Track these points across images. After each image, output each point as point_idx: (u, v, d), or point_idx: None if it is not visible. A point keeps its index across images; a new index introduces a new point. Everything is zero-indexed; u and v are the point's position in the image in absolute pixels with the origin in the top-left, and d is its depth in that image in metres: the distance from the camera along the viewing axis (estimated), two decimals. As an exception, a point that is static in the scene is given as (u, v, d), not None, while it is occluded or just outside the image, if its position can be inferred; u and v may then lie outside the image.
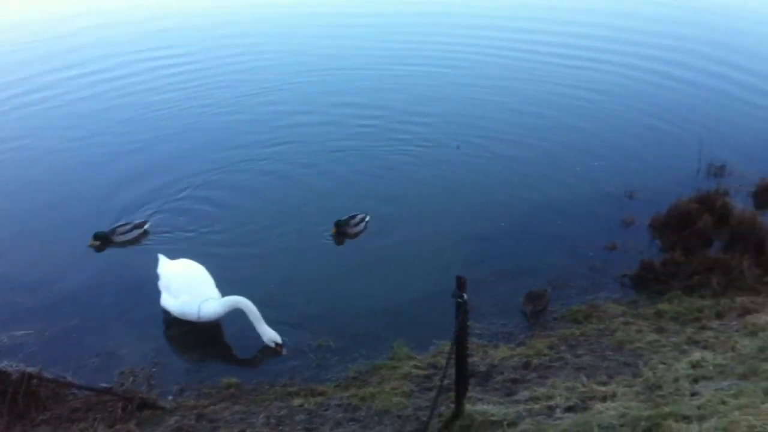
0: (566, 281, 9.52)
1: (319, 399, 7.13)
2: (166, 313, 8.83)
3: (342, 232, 10.68)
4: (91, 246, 10.33)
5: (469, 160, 13.13)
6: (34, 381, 7.07)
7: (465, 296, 5.80)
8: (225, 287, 8.84)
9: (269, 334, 8.31)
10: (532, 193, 11.94)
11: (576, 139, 14.01)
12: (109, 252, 10.40)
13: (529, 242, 10.55)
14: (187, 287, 8.67)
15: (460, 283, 5.83)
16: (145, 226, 10.69)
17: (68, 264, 10.12)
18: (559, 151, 13.50)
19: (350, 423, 6.62)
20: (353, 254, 10.42)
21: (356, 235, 10.76)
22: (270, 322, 8.60)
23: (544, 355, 7.60)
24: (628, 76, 17.59)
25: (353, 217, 10.81)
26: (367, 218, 10.92)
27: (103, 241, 10.39)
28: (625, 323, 8.19)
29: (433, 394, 6.67)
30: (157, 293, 8.98)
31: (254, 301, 8.70)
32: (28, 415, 7.01)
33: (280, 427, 6.61)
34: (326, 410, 6.88)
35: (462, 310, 5.85)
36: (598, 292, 9.27)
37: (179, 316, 8.72)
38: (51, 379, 7.19)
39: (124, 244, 10.48)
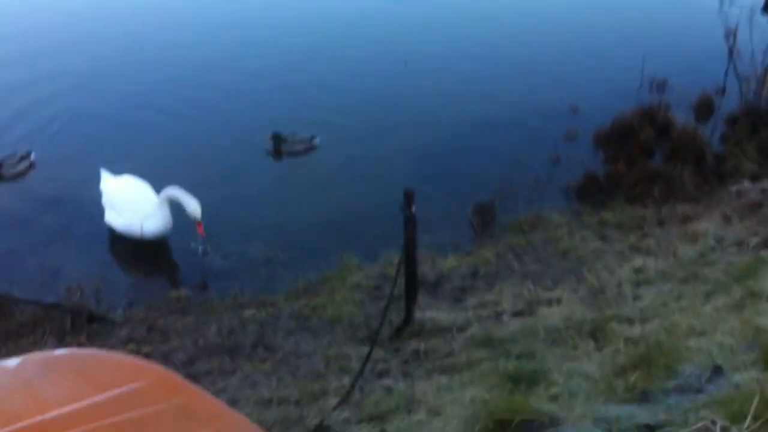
0: (512, 193, 9.59)
1: (270, 310, 7.18)
2: (111, 230, 8.71)
3: (279, 149, 10.56)
4: None
5: (415, 76, 13.02)
6: (-23, 297, 6.98)
7: (414, 208, 5.86)
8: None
9: (192, 205, 8.25)
10: (477, 109, 11.87)
11: (520, 56, 13.97)
12: (43, 168, 10.10)
13: (475, 157, 10.59)
14: (130, 205, 8.56)
15: (408, 196, 5.89)
16: (32, 157, 10.12)
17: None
18: (504, 67, 13.48)
19: (302, 332, 6.70)
20: (299, 169, 10.34)
21: (296, 154, 10.65)
22: (217, 236, 8.60)
23: (492, 263, 7.75)
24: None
25: (295, 134, 10.65)
26: (316, 140, 10.72)
27: None
28: (570, 232, 8.36)
29: (383, 303, 6.78)
30: (99, 210, 8.83)
31: (203, 216, 8.70)
32: (-28, 331, 6.94)
33: (232, 337, 6.66)
34: (278, 320, 6.94)
35: (410, 223, 5.92)
36: (543, 202, 9.40)
37: (124, 234, 8.61)
38: (-5, 294, 7.10)
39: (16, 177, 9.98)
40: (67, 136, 11.02)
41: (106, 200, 8.74)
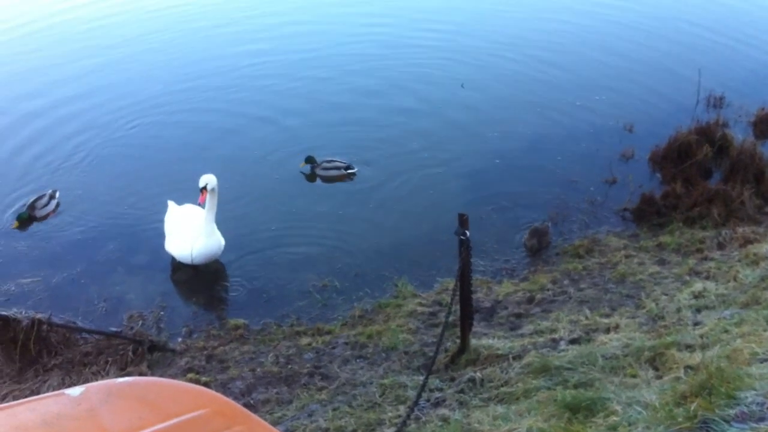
0: (567, 216, 9.56)
1: (327, 338, 7.25)
2: (170, 258, 8.88)
3: (312, 172, 10.71)
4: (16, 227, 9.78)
5: (469, 97, 13.02)
6: (44, 327, 7.16)
7: (467, 233, 5.85)
8: (226, 233, 8.88)
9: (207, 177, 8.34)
10: (530, 129, 11.83)
11: (574, 74, 13.87)
12: (106, 200, 10.31)
13: (528, 178, 10.54)
14: (184, 230, 8.71)
15: (462, 221, 5.88)
16: (57, 196, 10.19)
17: (73, 213, 10.08)
18: (558, 86, 13.39)
19: (358, 360, 6.75)
20: (351, 195, 10.40)
21: (330, 179, 10.70)
22: (274, 263, 8.78)
23: (547, 289, 7.70)
24: (627, 9, 17.36)
25: (330, 161, 10.73)
26: (354, 168, 10.71)
27: (23, 222, 9.78)
28: (627, 256, 8.26)
29: (438, 330, 6.78)
30: (160, 239, 9.02)
31: (258, 242, 8.88)
32: (40, 360, 7.12)
33: (289, 366, 6.74)
34: (334, 348, 7.00)
35: (465, 248, 5.90)
36: (599, 226, 9.33)
37: (178, 259, 8.79)
38: (61, 324, 7.29)
39: (47, 216, 10.02)
40: (122, 167, 11.28)
41: (166, 228, 8.91)
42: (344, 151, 11.15)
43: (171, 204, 9.09)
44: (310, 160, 10.67)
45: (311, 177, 10.72)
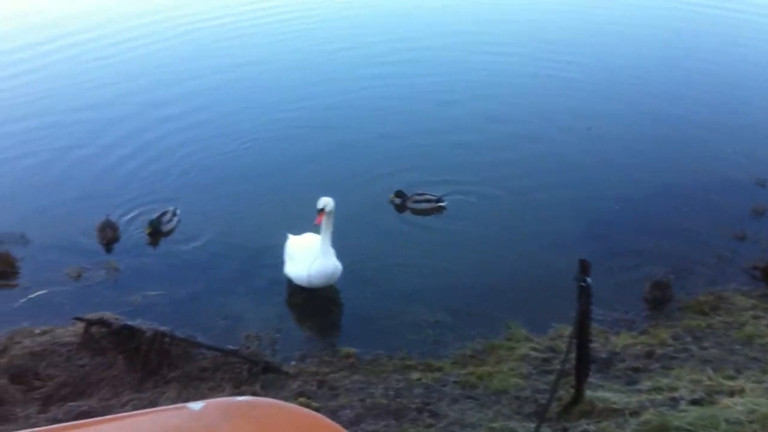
0: (691, 270, 9.24)
1: (437, 374, 7.22)
2: (288, 282, 9.07)
3: (402, 204, 10.83)
4: (147, 233, 10.27)
5: (595, 141, 12.83)
6: (166, 339, 7.43)
7: (588, 280, 5.73)
8: (340, 260, 8.98)
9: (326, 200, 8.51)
10: (656, 177, 11.58)
11: (705, 123, 13.48)
12: (227, 221, 10.67)
13: (651, 227, 10.28)
14: (303, 253, 8.87)
15: (584, 267, 5.76)
16: (178, 213, 10.63)
17: (193, 231, 10.50)
18: (687, 134, 13.05)
19: (467, 400, 6.68)
20: (468, 230, 10.40)
21: (421, 211, 10.77)
22: (386, 295, 8.89)
23: (668, 345, 7.44)
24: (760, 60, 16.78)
25: (421, 194, 10.84)
26: (444, 202, 10.78)
27: (155, 230, 10.28)
28: (756, 317, 7.90)
29: (552, 377, 6.65)
30: (278, 261, 9.23)
31: (370, 272, 9.02)
32: (160, 371, 7.37)
33: (399, 399, 6.73)
34: (444, 386, 6.96)
35: (585, 295, 5.78)
36: (726, 283, 8.95)
37: (296, 282, 8.95)
38: (182, 338, 7.54)
39: (171, 232, 10.47)
40: (238, 185, 11.76)
41: (286, 254, 9.12)
42: (455, 181, 11.39)
43: (291, 236, 9.28)
44: (399, 194, 10.83)
45: (401, 208, 10.85)
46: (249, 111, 14.47)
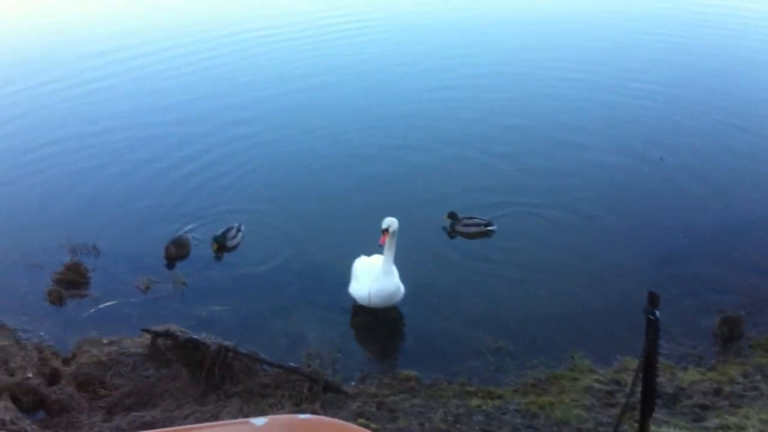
0: (763, 307, 8.97)
1: (497, 402, 7.14)
2: (351, 302, 9.10)
3: (452, 227, 10.89)
4: (213, 249, 10.52)
5: (667, 170, 12.62)
6: (230, 354, 7.54)
7: (657, 313, 5.61)
8: (407, 286, 9.01)
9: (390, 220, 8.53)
10: (729, 209, 11.32)
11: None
12: (294, 239, 10.81)
13: (722, 262, 9.99)
14: (366, 272, 8.91)
15: (653, 299, 5.63)
16: (242, 229, 10.83)
17: (260, 248, 10.68)
18: (764, 166, 12.72)
19: (528, 430, 6.59)
20: (535, 256, 10.31)
21: (470, 235, 10.78)
22: (448, 319, 8.88)
23: (737, 382, 7.21)
24: None
25: (471, 218, 10.86)
26: (493, 226, 10.78)
27: (221, 246, 10.53)
28: (832, 358, 7.63)
29: (615, 411, 6.52)
30: (342, 281, 9.28)
31: (433, 294, 9.18)
32: (222, 386, 7.48)
33: (458, 425, 6.68)
34: (504, 414, 6.87)
35: (653, 328, 5.65)
36: (802, 321, 8.67)
37: (358, 301, 8.98)
38: (245, 353, 7.62)
39: (236, 247, 10.69)
40: (303, 201, 12.06)
41: (352, 273, 9.16)
42: (523, 204, 11.50)
43: (362, 256, 9.31)
44: (452, 216, 10.88)
45: (451, 233, 10.87)
46: (320, 131, 14.77)
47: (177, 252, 10.29)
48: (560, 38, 21.38)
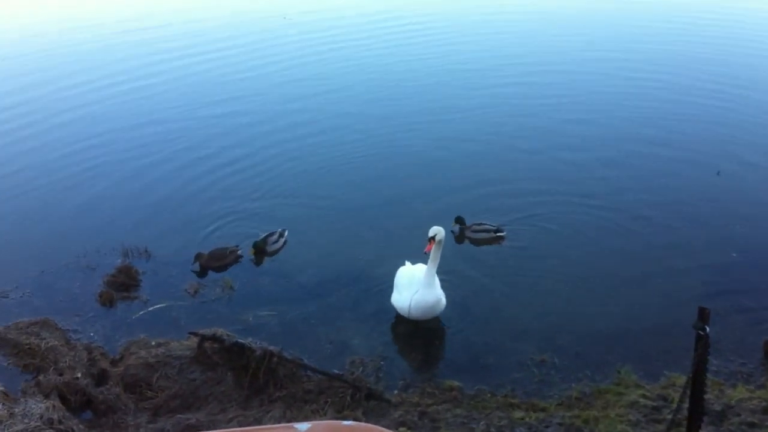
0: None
1: (541, 415, 7.08)
2: (395, 311, 9.11)
3: (460, 232, 10.97)
4: (251, 254, 10.70)
5: (724, 185, 12.43)
6: (275, 359, 7.60)
7: (707, 329, 5.53)
8: (450, 296, 9.02)
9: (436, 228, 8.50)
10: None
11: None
12: (341, 246, 10.91)
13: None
14: (408, 282, 8.85)
15: (703, 315, 5.55)
16: (285, 235, 10.99)
17: (306, 254, 10.79)
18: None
19: (571, 444, 6.53)
20: (583, 268, 10.22)
21: (478, 241, 10.85)
22: (492, 330, 8.84)
23: (789, 402, 7.05)
24: None
25: (480, 224, 10.94)
26: (503, 232, 10.87)
27: (259, 250, 10.71)
28: None
29: (661, 427, 6.43)
30: (386, 290, 9.31)
31: (477, 305, 9.10)
32: (266, 390, 7.55)
33: (500, 438, 6.65)
34: (547, 427, 6.82)
35: (702, 344, 5.57)
36: None
37: (399, 311, 8.97)
38: (290, 359, 7.68)
39: (277, 252, 10.86)
40: (346, 206, 12.20)
41: (395, 282, 9.16)
42: (576, 212, 11.52)
43: (407, 263, 9.33)
44: (459, 220, 10.93)
45: (459, 238, 10.93)
46: (371, 139, 14.97)
47: (207, 262, 10.41)
48: (630, 38, 21.50)
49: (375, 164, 13.71)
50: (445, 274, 8.99)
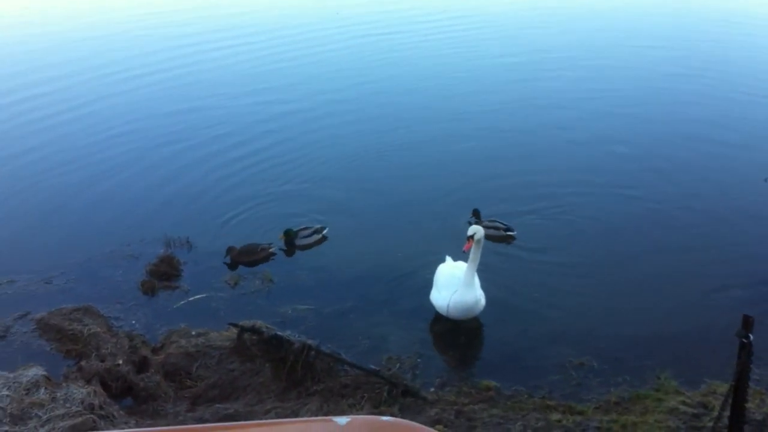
0: None
1: (578, 418, 7.03)
2: (433, 308, 9.09)
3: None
4: (280, 239, 10.86)
5: (765, 191, 12.22)
6: (312, 353, 7.66)
7: (751, 337, 5.45)
8: (489, 295, 8.98)
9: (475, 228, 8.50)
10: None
11: None
12: (381, 242, 10.96)
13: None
14: (448, 281, 8.81)
15: (747, 323, 5.47)
16: (323, 232, 11.05)
17: (347, 250, 10.85)
18: None
19: (609, 448, 6.47)
20: (624, 272, 10.11)
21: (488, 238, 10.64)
22: (531, 331, 8.82)
23: (832, 413, 6.92)
24: None
25: (492, 221, 10.85)
26: (513, 232, 10.81)
27: (289, 238, 10.86)
28: None
29: (701, 434, 6.35)
30: (425, 287, 9.29)
31: (516, 306, 9.16)
32: (303, 383, 7.61)
33: (537, 439, 6.62)
34: (584, 430, 6.77)
35: (745, 352, 5.49)
36: None
37: (438, 310, 8.94)
38: (327, 353, 7.73)
39: (307, 247, 10.95)
40: (386, 204, 12.25)
41: (434, 280, 9.13)
42: (618, 217, 11.40)
43: (448, 259, 9.32)
44: (475, 213, 10.97)
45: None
46: (411, 135, 15.01)
47: (238, 256, 10.50)
48: (676, 35, 21.36)
49: (419, 157, 13.77)
50: (482, 273, 8.94)
